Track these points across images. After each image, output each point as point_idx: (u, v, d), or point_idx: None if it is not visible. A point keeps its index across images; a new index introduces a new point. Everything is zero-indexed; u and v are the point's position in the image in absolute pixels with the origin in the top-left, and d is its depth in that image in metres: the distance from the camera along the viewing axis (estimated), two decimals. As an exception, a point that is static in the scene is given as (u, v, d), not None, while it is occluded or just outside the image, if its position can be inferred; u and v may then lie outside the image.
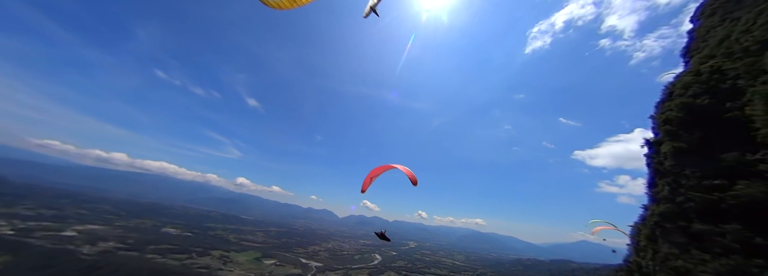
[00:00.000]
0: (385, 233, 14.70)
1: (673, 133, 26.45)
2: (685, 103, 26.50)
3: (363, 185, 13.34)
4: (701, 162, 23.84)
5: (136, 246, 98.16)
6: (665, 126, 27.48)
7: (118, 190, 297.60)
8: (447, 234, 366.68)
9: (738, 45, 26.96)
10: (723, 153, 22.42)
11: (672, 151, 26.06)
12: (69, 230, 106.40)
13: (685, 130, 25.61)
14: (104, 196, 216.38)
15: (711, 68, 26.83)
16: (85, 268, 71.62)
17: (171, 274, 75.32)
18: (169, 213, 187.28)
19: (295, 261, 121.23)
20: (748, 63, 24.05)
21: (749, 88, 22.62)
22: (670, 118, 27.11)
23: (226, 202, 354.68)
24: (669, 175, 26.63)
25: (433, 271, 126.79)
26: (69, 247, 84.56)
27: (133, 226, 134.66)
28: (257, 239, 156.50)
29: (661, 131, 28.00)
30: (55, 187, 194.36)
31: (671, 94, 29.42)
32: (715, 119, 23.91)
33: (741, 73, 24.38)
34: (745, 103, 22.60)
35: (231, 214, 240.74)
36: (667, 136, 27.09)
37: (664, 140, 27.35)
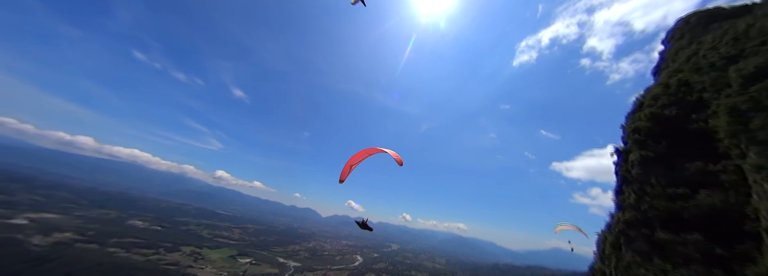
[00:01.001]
0: (366, 222, 13.72)
1: (641, 142, 26.91)
2: (653, 114, 27.30)
3: (341, 175, 12.22)
4: (666, 171, 24.31)
5: (96, 238, 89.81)
6: (634, 135, 27.97)
7: (81, 176, 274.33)
8: (429, 237, 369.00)
9: (704, 60, 28.30)
10: (687, 162, 23.01)
11: (639, 159, 26.42)
12: (19, 218, 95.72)
13: (653, 139, 26.18)
14: (64, 182, 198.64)
15: (678, 81, 27.94)
16: (32, 261, 64.03)
17: (134, 270, 69.07)
18: (137, 204, 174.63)
19: (272, 260, 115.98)
20: (714, 77, 25.13)
21: (714, 101, 23.56)
22: (639, 127, 27.75)
23: (202, 196, 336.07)
24: (635, 183, 26.82)
25: (413, 274, 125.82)
26: (17, 237, 75.68)
27: (94, 217, 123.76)
28: (233, 236, 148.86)
29: (630, 140, 28.54)
30: (7, 169, 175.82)
31: (641, 105, 30.43)
32: (681, 130, 24.77)
33: (707, 86, 25.42)
34: (710, 115, 23.48)
35: (207, 209, 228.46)
36: (635, 145, 27.53)
37: (633, 149, 27.78)
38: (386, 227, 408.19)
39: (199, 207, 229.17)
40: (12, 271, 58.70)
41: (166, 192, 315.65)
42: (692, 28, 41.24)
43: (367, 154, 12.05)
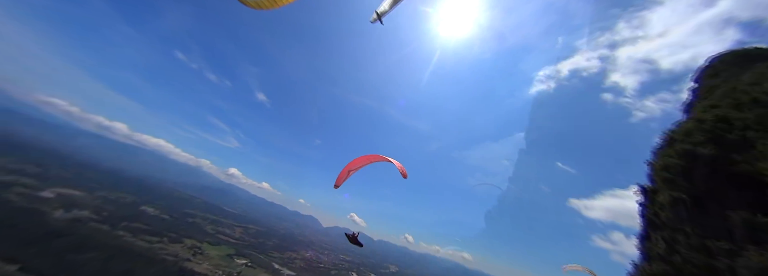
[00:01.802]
0: (357, 236, 12.77)
1: (671, 180, 23.27)
2: (687, 150, 23.63)
3: (337, 179, 11.47)
4: (703, 218, 20.62)
5: (109, 219, 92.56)
6: (663, 173, 24.28)
7: (110, 159, 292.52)
8: (431, 263, 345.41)
9: (746, 96, 24.87)
10: (729, 210, 19.29)
11: (670, 200, 22.71)
12: (48, 191, 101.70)
13: (686, 179, 22.54)
14: (94, 162, 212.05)
15: (716, 117, 24.31)
16: (48, 234, 66.41)
17: (135, 255, 69.29)
18: (152, 192, 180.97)
19: (268, 265, 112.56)
20: (759, 114, 21.84)
21: (760, 140, 20.12)
22: (669, 164, 24.03)
23: (213, 191, 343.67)
24: (665, 229, 22.88)
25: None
26: (41, 209, 79.72)
27: (113, 199, 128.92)
28: (234, 234, 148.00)
29: (658, 178, 24.97)
30: (46, 146, 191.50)
31: (671, 141, 26.88)
32: (720, 170, 21.18)
33: (751, 123, 21.98)
34: (757, 156, 19.94)
35: (215, 204, 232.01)
36: (664, 184, 23.90)
37: (661, 188, 24.14)
38: (387, 246, 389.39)
39: (208, 201, 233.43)
40: (29, 240, 60.88)
41: (180, 183, 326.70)
42: (728, 67, 37.89)
43: (369, 161, 11.39)
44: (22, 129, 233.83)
